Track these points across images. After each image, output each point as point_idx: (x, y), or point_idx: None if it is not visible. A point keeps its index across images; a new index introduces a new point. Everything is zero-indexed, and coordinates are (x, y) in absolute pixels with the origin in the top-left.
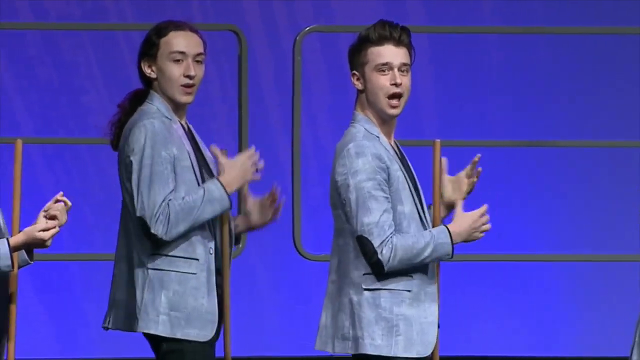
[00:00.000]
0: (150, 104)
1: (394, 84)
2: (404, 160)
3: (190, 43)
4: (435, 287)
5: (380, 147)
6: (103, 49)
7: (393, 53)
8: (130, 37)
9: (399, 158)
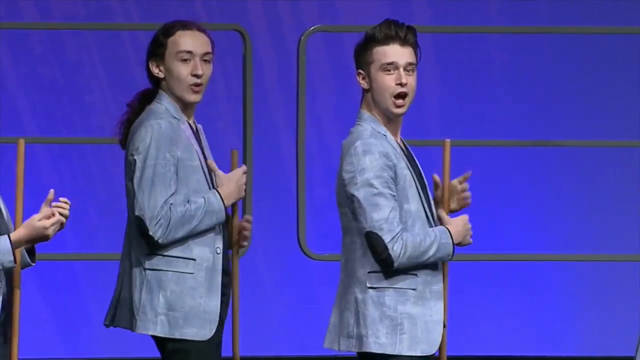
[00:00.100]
0: (159, 104)
1: (400, 84)
2: (411, 159)
3: (198, 42)
4: (441, 285)
5: (387, 145)
6: (108, 49)
7: (399, 53)
8: (135, 37)
9: (406, 156)
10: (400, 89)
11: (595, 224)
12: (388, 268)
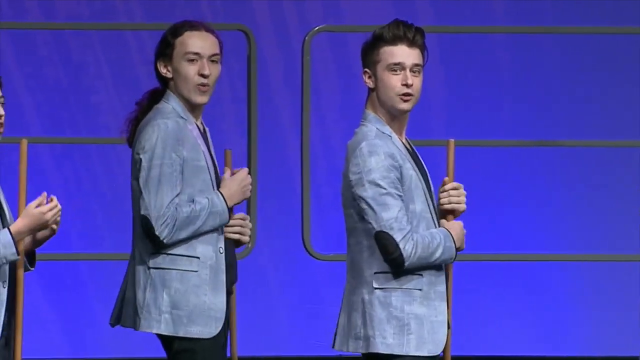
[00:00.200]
0: (166, 103)
1: (405, 84)
2: (417, 159)
3: (206, 43)
4: (445, 286)
5: (393, 146)
6: (112, 49)
7: (406, 53)
8: (140, 36)
9: (412, 157)
10: (406, 90)
11: (597, 224)
12: (399, 268)
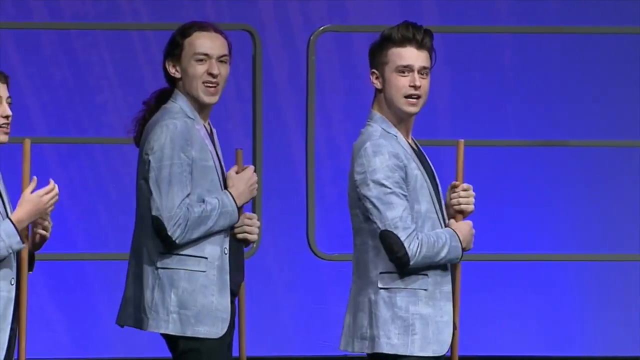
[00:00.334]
0: (174, 103)
1: (413, 86)
2: (423, 159)
3: (215, 45)
4: (450, 286)
5: (398, 145)
6: (117, 49)
7: (414, 55)
8: (145, 36)
9: (418, 157)
10: (413, 91)
11: (602, 224)
12: (403, 267)
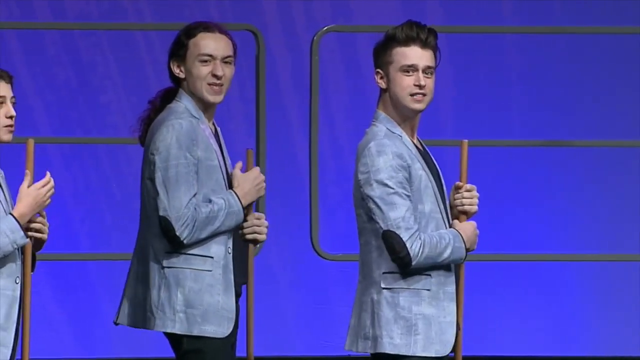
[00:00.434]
0: (179, 102)
1: (418, 85)
2: (428, 159)
3: (219, 45)
4: (454, 286)
5: (402, 145)
6: (121, 49)
7: (419, 55)
8: (148, 36)
9: (423, 157)
10: (418, 91)
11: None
12: (405, 267)
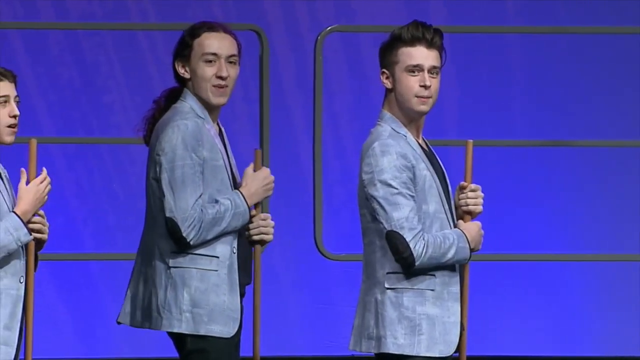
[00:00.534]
0: (184, 102)
1: (423, 86)
2: (433, 159)
3: (224, 45)
4: (458, 287)
5: (407, 146)
6: (124, 49)
7: (424, 55)
8: (152, 37)
9: (428, 157)
10: (424, 92)
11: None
12: (409, 268)
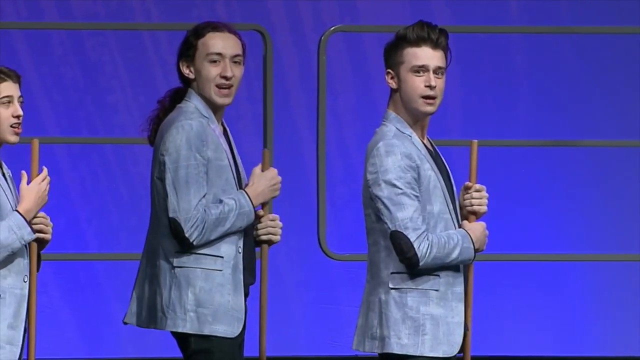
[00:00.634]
0: (189, 102)
1: (429, 86)
2: (438, 160)
3: (228, 44)
4: (462, 287)
5: (411, 146)
6: (128, 49)
7: (429, 55)
8: (156, 36)
9: (433, 157)
10: (429, 92)
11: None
12: (413, 268)
